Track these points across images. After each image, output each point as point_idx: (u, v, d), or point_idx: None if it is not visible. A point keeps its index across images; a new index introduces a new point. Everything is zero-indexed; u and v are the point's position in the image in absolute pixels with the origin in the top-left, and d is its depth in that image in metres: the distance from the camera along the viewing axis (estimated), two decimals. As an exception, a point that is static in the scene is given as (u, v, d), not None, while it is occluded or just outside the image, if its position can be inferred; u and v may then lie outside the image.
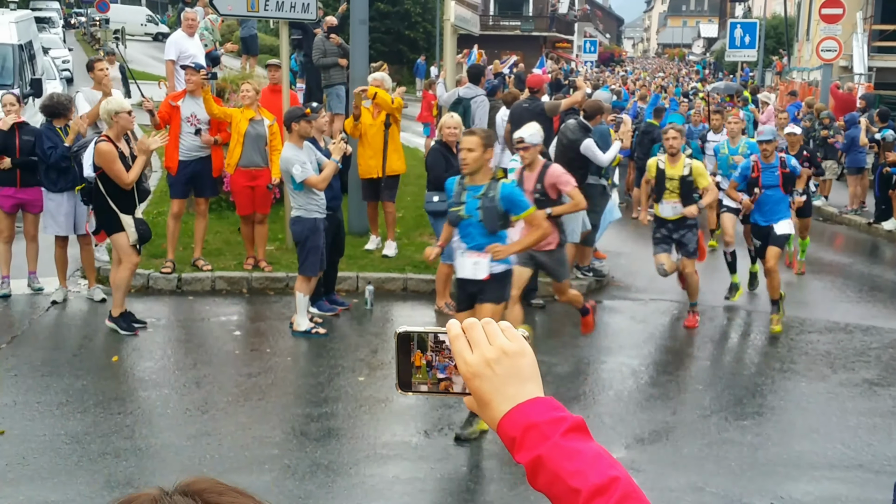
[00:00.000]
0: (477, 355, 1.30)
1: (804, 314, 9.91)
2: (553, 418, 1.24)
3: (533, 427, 1.24)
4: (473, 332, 1.32)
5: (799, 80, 32.69)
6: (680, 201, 9.09)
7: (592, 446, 1.23)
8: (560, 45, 66.81)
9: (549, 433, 1.23)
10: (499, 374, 1.28)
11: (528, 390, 1.28)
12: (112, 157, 7.90)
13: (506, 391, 1.28)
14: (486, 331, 1.32)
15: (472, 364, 1.29)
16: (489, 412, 1.30)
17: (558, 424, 1.24)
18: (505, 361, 1.29)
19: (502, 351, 1.29)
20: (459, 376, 1.33)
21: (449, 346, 1.33)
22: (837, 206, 16.77)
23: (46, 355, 7.81)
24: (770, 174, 9.36)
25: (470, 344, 1.31)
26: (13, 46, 15.23)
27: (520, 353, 1.30)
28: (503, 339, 1.31)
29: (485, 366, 1.29)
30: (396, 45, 41.38)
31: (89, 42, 40.28)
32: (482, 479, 5.83)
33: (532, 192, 7.47)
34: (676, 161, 9.09)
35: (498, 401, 1.28)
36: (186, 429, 6.38)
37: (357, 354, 8.12)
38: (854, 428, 6.77)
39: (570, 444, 1.22)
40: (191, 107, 9.89)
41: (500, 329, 1.32)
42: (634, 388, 7.57)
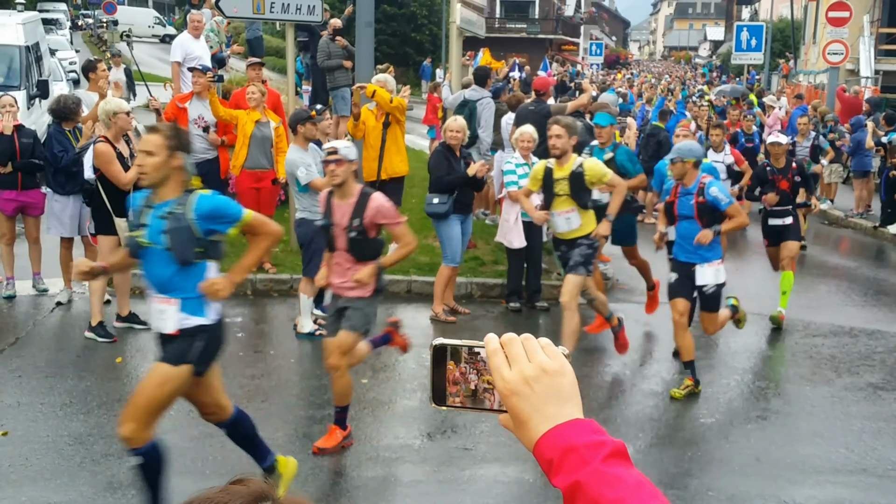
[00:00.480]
0: (516, 372, 1.26)
1: (809, 318, 9.88)
2: (593, 442, 1.20)
3: (572, 450, 1.20)
4: (512, 348, 1.28)
5: (805, 83, 32.63)
6: (575, 208, 7.67)
7: (633, 473, 1.18)
8: (566, 47, 66.82)
9: (588, 458, 1.18)
10: (538, 392, 1.25)
11: (568, 411, 1.24)
12: (109, 158, 7.86)
13: (544, 411, 1.24)
14: (525, 347, 1.28)
15: (511, 381, 1.25)
16: (526, 432, 1.26)
17: (599, 449, 1.19)
18: (545, 380, 1.25)
19: (542, 369, 1.25)
20: (494, 392, 1.29)
21: (485, 360, 1.29)
22: (843, 210, 16.73)
23: (50, 356, 7.82)
24: (685, 202, 7.44)
25: (508, 360, 1.27)
26: (20, 48, 15.25)
27: (560, 371, 1.26)
28: (543, 357, 1.27)
29: (523, 384, 1.25)
30: (402, 48, 41.42)
31: (96, 44, 40.39)
32: (485, 482, 5.81)
33: (346, 230, 5.83)
34: (564, 162, 7.69)
35: (536, 420, 1.24)
36: (189, 430, 6.37)
37: (361, 356, 8.10)
38: (858, 432, 6.74)
39: (611, 471, 1.17)
40: (198, 109, 9.91)
41: (539, 346, 1.28)
42: (637, 391, 7.55)
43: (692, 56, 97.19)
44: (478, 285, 10.19)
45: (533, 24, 63.80)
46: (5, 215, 9.20)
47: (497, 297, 10.00)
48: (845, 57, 22.67)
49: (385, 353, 8.20)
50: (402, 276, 10.18)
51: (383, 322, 7.00)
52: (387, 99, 10.31)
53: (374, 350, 6.51)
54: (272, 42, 32.86)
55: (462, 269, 10.14)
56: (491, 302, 9.95)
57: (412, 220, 12.47)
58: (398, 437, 6.44)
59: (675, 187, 7.56)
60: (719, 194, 7.30)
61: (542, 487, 5.78)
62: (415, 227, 12.11)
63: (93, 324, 8.16)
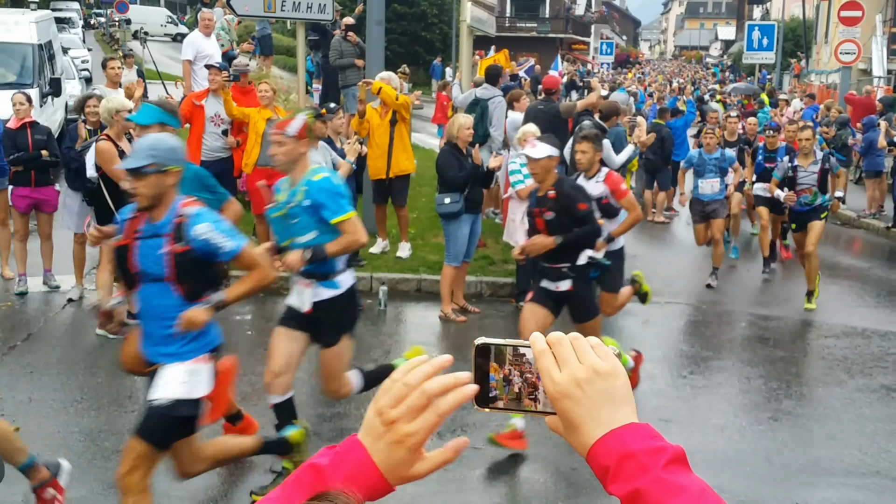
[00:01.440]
0: (566, 374, 1.20)
1: (821, 318, 9.84)
2: (652, 448, 1.15)
3: (630, 456, 1.14)
4: (562, 349, 1.21)
5: (817, 82, 32.51)
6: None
7: (695, 481, 1.13)
8: (576, 46, 66.72)
9: (649, 465, 1.13)
10: (590, 395, 1.18)
11: (623, 414, 1.19)
12: (110, 156, 7.81)
13: (598, 415, 1.18)
14: (575, 347, 1.22)
15: (561, 384, 1.19)
16: (578, 437, 1.20)
17: (659, 455, 1.14)
18: (597, 382, 1.19)
19: (594, 370, 1.19)
20: (540, 393, 1.23)
21: (530, 361, 1.24)
22: (855, 210, 16.65)
23: (62, 353, 7.84)
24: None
25: (558, 361, 1.21)
26: (33, 46, 15.33)
27: (612, 373, 1.20)
28: (594, 358, 1.21)
29: (575, 386, 1.19)
30: (412, 47, 41.39)
31: (108, 42, 40.50)
32: (496, 482, 5.80)
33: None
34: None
35: (589, 425, 1.18)
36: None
37: (371, 355, 8.10)
38: (871, 434, 6.70)
39: (674, 479, 1.12)
40: (215, 106, 9.95)
41: (590, 346, 1.22)
42: (649, 392, 7.52)
43: (703, 55, 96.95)
44: (488, 284, 10.17)
45: (543, 23, 63.71)
46: (19, 212, 9.24)
47: (507, 296, 9.98)
48: (857, 56, 22.60)
49: (394, 352, 8.20)
50: (412, 274, 10.17)
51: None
52: (393, 96, 10.30)
53: None
54: (283, 41, 32.87)
55: (472, 267, 10.12)
56: (501, 301, 9.93)
57: (421, 218, 12.49)
58: (408, 436, 6.41)
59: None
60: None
61: (553, 487, 5.77)
62: (424, 226, 12.13)
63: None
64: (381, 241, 10.98)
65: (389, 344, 8.43)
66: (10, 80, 14.72)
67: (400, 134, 10.53)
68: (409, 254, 10.76)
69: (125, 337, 8.06)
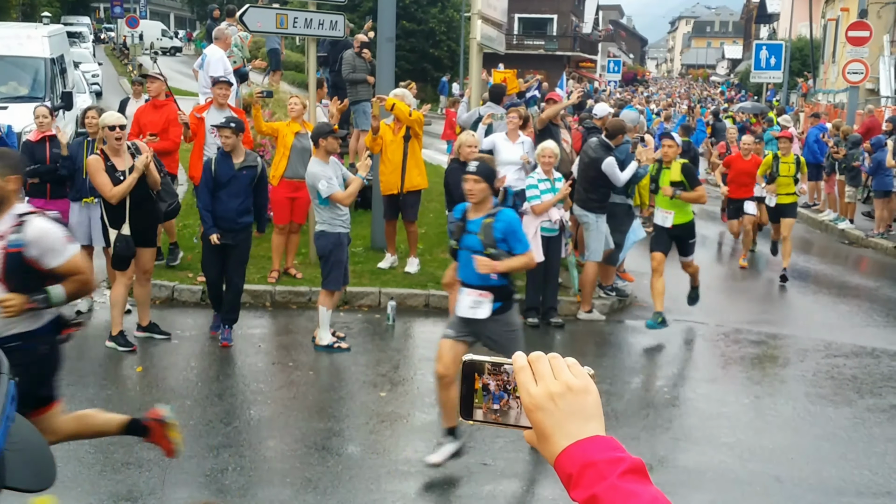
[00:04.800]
0: (541, 388, 1.30)
1: (830, 338, 9.81)
2: (612, 458, 1.23)
3: (591, 465, 1.23)
4: (539, 365, 1.32)
5: (825, 102, 32.54)
6: None
7: (650, 490, 1.21)
8: (584, 64, 66.96)
9: (606, 473, 1.22)
10: (562, 408, 1.28)
11: (591, 428, 1.28)
12: (95, 169, 7.89)
13: (567, 427, 1.28)
14: (552, 365, 1.32)
15: (536, 397, 1.29)
16: (548, 446, 1.29)
17: (616, 465, 1.22)
18: (569, 397, 1.29)
19: (567, 386, 1.29)
20: (521, 408, 1.33)
21: (508, 376, 1.34)
22: (864, 230, 16.63)
23: (71, 365, 7.80)
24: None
25: (535, 376, 1.31)
26: (45, 60, 15.45)
27: (584, 390, 1.30)
28: (569, 375, 1.31)
29: (548, 399, 1.29)
30: (420, 64, 41.53)
31: (118, 57, 40.74)
32: (504, 498, 5.78)
33: None
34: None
35: (558, 436, 1.28)
36: (209, 440, 6.39)
37: (379, 370, 8.11)
38: (882, 454, 6.67)
39: (627, 486, 1.20)
40: (215, 118, 10.00)
41: (566, 364, 1.32)
42: (658, 410, 7.51)
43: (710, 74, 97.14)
44: (496, 300, 10.15)
45: (551, 41, 63.96)
46: (32, 224, 9.28)
47: (516, 313, 9.97)
48: (865, 76, 22.57)
49: (403, 367, 8.21)
50: (420, 289, 10.18)
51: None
52: (406, 112, 10.35)
53: None
54: (292, 57, 33.03)
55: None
56: (509, 317, 9.92)
57: (429, 234, 12.51)
58: (417, 451, 6.42)
59: None
60: None
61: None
62: (431, 241, 12.16)
63: (113, 333, 8.19)
64: (389, 256, 11.00)
65: (398, 359, 8.44)
66: (23, 94, 14.83)
67: (413, 150, 10.58)
68: (417, 269, 10.77)
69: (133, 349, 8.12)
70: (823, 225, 17.91)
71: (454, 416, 5.90)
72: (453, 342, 6.02)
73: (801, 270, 14.07)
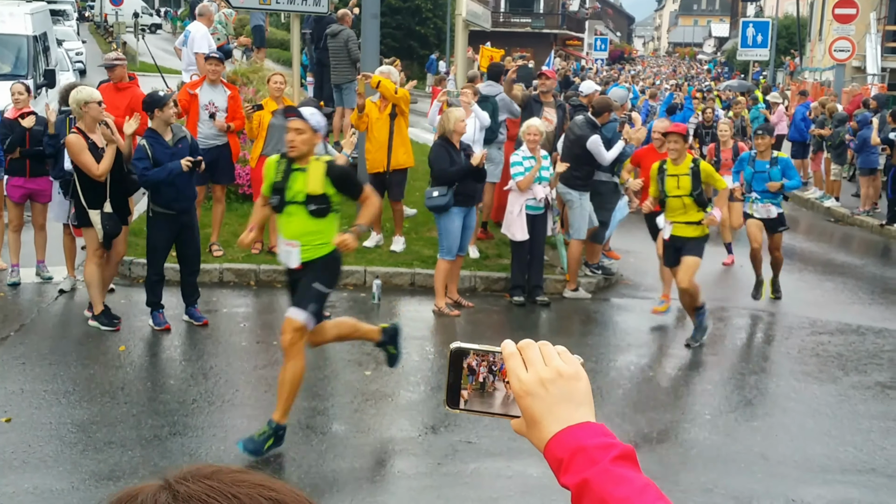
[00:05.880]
0: (532, 374, 1.29)
1: (815, 315, 9.83)
2: (603, 444, 1.23)
3: (582, 450, 1.22)
4: (529, 352, 1.31)
5: (811, 80, 32.54)
6: None
7: (641, 476, 1.21)
8: (570, 42, 66.68)
9: (597, 458, 1.21)
10: (552, 394, 1.27)
11: (581, 414, 1.27)
12: (79, 149, 7.74)
13: (557, 412, 1.27)
14: (542, 352, 1.31)
15: (526, 382, 1.28)
16: (537, 432, 1.28)
17: (608, 450, 1.22)
18: (560, 383, 1.28)
19: (558, 372, 1.29)
20: (508, 396, 1.32)
21: (501, 365, 1.32)
22: (849, 208, 16.67)
23: (54, 344, 7.80)
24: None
25: (525, 363, 1.30)
26: (28, 37, 15.28)
27: (575, 376, 1.29)
28: (559, 362, 1.30)
29: (539, 385, 1.28)
30: (407, 41, 41.31)
31: (102, 35, 40.35)
32: (488, 476, 5.77)
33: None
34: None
35: (548, 421, 1.27)
36: (192, 420, 6.35)
37: (364, 349, 8.05)
38: (866, 431, 6.69)
39: (619, 471, 1.20)
40: (209, 95, 9.92)
41: (556, 352, 1.31)
42: (643, 387, 7.51)
43: (696, 52, 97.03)
44: (482, 279, 10.15)
45: (538, 18, 63.65)
46: (13, 202, 9.19)
47: (501, 291, 9.96)
48: (851, 54, 22.60)
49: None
50: (405, 268, 10.14)
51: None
52: (392, 89, 10.27)
53: None
54: (276, 34, 32.77)
55: (466, 262, 10.09)
56: (495, 295, 9.91)
57: (415, 209, 12.45)
58: (402, 430, 6.40)
59: None
60: None
61: (547, 482, 5.74)
62: (417, 220, 12.10)
63: (95, 312, 8.11)
64: (375, 234, 10.94)
65: (383, 338, 8.39)
66: (5, 72, 14.66)
67: (399, 128, 10.51)
68: (403, 248, 10.73)
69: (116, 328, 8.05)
70: (809, 203, 17.95)
71: None
72: None
73: (786, 248, 14.08)
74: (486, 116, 10.36)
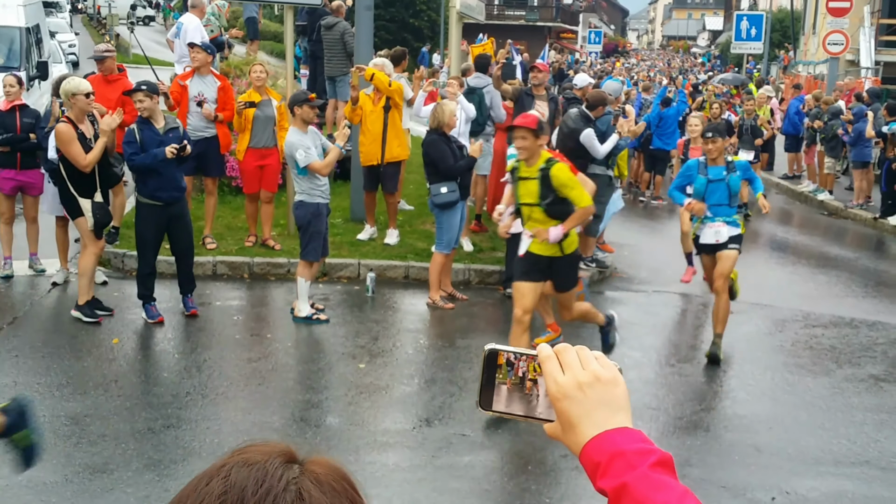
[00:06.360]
0: (569, 377, 1.28)
1: (809, 308, 9.85)
2: (642, 449, 1.22)
3: (620, 455, 1.21)
4: (566, 356, 1.31)
5: (805, 73, 32.56)
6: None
7: (679, 484, 1.20)
8: (565, 35, 66.63)
9: (636, 463, 1.20)
10: (590, 398, 1.27)
11: (619, 419, 1.26)
12: (68, 139, 7.71)
13: (595, 417, 1.26)
14: (579, 356, 1.31)
15: (564, 385, 1.28)
16: (574, 436, 1.27)
17: (647, 456, 1.21)
18: (598, 387, 1.27)
19: (595, 376, 1.28)
20: (542, 400, 1.31)
21: (535, 368, 1.32)
22: (843, 201, 16.69)
23: (47, 336, 7.77)
24: None
25: (562, 366, 1.29)
26: (20, 29, 15.20)
27: (613, 381, 1.29)
28: (597, 366, 1.30)
29: (576, 388, 1.27)
30: (401, 34, 41.21)
31: (95, 27, 40.21)
32: (483, 469, 5.77)
33: None
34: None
35: (586, 425, 1.26)
36: (186, 412, 6.33)
37: (358, 341, 8.06)
38: (860, 424, 6.71)
39: (659, 477, 1.19)
40: (198, 86, 9.88)
41: (593, 356, 1.31)
42: (637, 380, 7.50)
43: (690, 45, 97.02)
44: (476, 272, 10.13)
45: (532, 11, 63.53)
46: (4, 194, 9.14)
47: (495, 284, 9.95)
48: (845, 47, 22.61)
49: (382, 339, 8.17)
50: (399, 261, 10.13)
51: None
52: (386, 82, 10.24)
53: None
54: (270, 26, 32.67)
55: (461, 255, 10.08)
56: (489, 288, 9.90)
57: (410, 205, 12.44)
58: (396, 422, 6.39)
59: None
60: None
61: (541, 475, 5.75)
62: (411, 213, 12.09)
63: (80, 302, 8.06)
64: (369, 227, 10.92)
65: (377, 331, 8.39)
66: (-3, 64, 14.58)
67: (392, 120, 10.48)
68: (397, 241, 10.71)
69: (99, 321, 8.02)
70: (803, 196, 17.97)
71: None
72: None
73: (780, 241, 14.13)
74: (471, 108, 10.34)
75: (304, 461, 1.09)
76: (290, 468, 1.06)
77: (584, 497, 5.43)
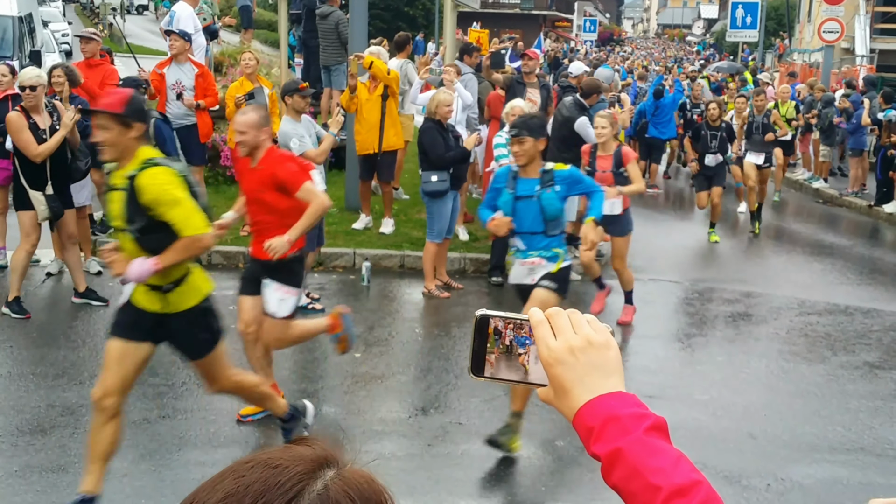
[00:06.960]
0: (561, 342, 1.26)
1: (804, 296, 9.86)
2: (636, 413, 1.21)
3: (614, 419, 1.20)
4: (559, 320, 1.29)
5: (800, 62, 32.53)
6: None
7: (674, 448, 1.20)
8: (560, 23, 66.45)
9: (631, 427, 1.19)
10: (583, 362, 1.25)
11: (612, 383, 1.25)
12: (18, 127, 7.66)
13: (588, 381, 1.24)
14: (571, 320, 1.29)
15: (556, 350, 1.26)
16: (567, 401, 1.26)
17: (641, 420, 1.20)
18: (590, 351, 1.26)
19: (588, 341, 1.26)
20: (535, 365, 1.29)
21: (528, 333, 1.30)
22: (838, 189, 16.71)
23: (42, 327, 7.75)
24: None
25: (554, 331, 1.27)
26: (13, 18, 15.15)
27: (605, 345, 1.27)
28: (589, 330, 1.28)
29: (569, 353, 1.25)
30: (395, 22, 41.06)
31: (88, 16, 40.02)
32: (479, 457, 5.77)
33: None
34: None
35: (579, 390, 1.24)
36: (181, 402, 6.33)
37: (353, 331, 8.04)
38: (855, 411, 6.72)
39: (653, 441, 1.18)
40: (176, 74, 9.86)
41: (585, 320, 1.29)
42: (633, 368, 7.51)
43: (685, 34, 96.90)
44: (471, 260, 10.13)
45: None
46: (-3, 184, 9.10)
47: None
48: (840, 35, 22.57)
49: (378, 328, 8.16)
50: (395, 250, 10.12)
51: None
52: (384, 70, 10.21)
53: None
54: (264, 15, 32.55)
55: (455, 244, 10.07)
56: (484, 277, 9.89)
57: (406, 193, 12.41)
58: (392, 411, 6.40)
59: None
60: None
61: (537, 462, 5.76)
62: (407, 202, 12.07)
63: (9, 299, 7.92)
64: (364, 217, 10.91)
65: (372, 320, 8.38)
66: (-11, 53, 14.54)
67: (390, 109, 10.45)
68: (392, 230, 10.69)
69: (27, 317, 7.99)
70: (798, 184, 17.98)
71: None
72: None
73: (775, 229, 14.13)
74: (468, 96, 10.34)
75: (333, 475, 1.00)
76: (312, 479, 0.97)
77: (581, 484, 5.45)
